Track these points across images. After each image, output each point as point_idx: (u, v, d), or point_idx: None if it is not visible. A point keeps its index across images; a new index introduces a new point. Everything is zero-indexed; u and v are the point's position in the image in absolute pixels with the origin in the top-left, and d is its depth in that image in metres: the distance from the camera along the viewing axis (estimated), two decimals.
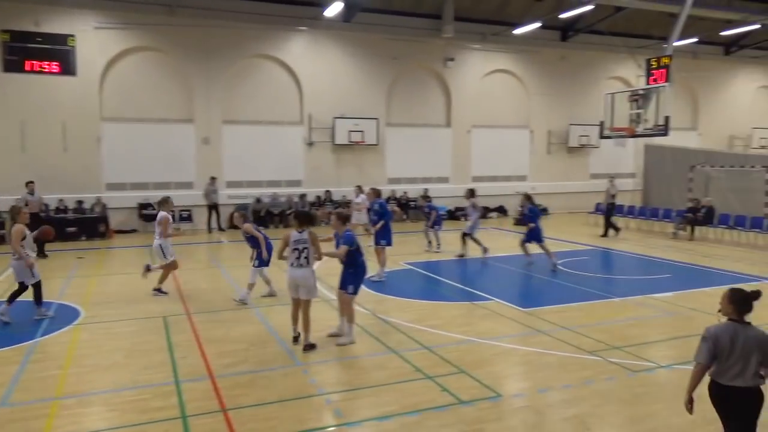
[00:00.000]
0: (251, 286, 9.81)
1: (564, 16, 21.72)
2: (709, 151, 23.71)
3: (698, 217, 17.81)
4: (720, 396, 4.28)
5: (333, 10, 19.12)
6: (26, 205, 14.29)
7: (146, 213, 19.17)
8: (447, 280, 11.88)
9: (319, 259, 7.52)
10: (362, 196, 16.64)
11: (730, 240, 17.28)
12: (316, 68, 21.40)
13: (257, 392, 6.14)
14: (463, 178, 23.78)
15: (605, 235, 18.13)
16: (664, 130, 15.94)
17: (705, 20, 23.19)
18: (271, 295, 10.13)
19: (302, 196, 21.10)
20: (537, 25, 21.94)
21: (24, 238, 8.62)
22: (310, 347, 7.40)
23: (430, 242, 15.32)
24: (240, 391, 6.16)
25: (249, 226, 9.89)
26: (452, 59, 23.13)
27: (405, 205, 22.17)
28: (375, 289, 10.83)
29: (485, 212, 23.48)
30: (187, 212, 19.56)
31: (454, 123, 23.72)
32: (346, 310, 7.78)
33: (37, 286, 8.82)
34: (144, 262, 9.40)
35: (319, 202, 21.26)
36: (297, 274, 7.33)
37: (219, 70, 20.16)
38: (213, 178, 19.59)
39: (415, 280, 11.87)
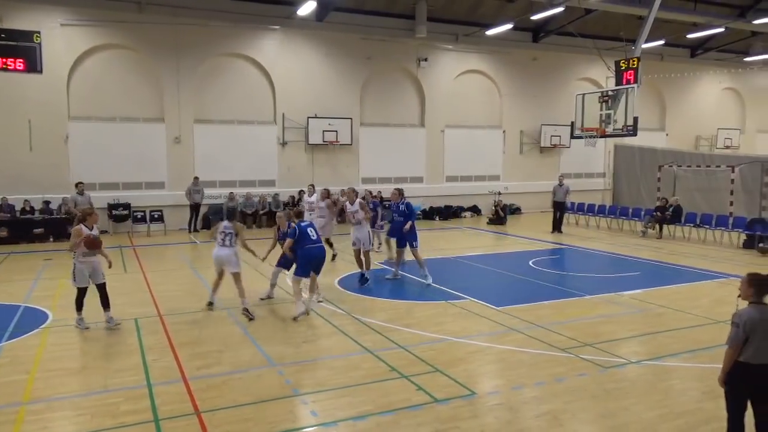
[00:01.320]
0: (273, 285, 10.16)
1: (535, 17, 21.97)
2: (676, 151, 24.27)
3: (666, 215, 18.20)
4: (752, 376, 4.44)
5: (306, 9, 19.02)
6: (75, 206, 13.96)
7: (117, 213, 18.84)
8: (422, 280, 11.91)
9: (243, 246, 9.12)
10: (315, 196, 16.31)
11: (696, 238, 17.70)
12: (289, 67, 21.29)
13: (231, 394, 6.08)
14: (437, 178, 23.91)
15: (554, 230, 19.07)
16: (632, 130, 16.24)
17: (671, 23, 23.70)
18: (269, 297, 10.15)
19: (276, 196, 20.96)
20: (509, 26, 22.16)
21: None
22: (246, 312, 8.81)
23: (380, 243, 14.91)
24: (214, 394, 6.09)
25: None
26: (426, 59, 23.23)
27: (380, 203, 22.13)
28: (351, 289, 10.82)
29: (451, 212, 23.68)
30: (159, 213, 19.27)
31: (427, 123, 23.82)
32: (295, 289, 9.09)
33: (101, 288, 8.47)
34: (114, 263, 9.15)
35: (293, 202, 21.12)
36: (222, 253, 9.00)
37: (190, 68, 19.90)
38: (196, 178, 19.35)
39: (389, 280, 11.87)
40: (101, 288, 8.34)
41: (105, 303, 8.40)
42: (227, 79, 20.70)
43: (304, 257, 8.97)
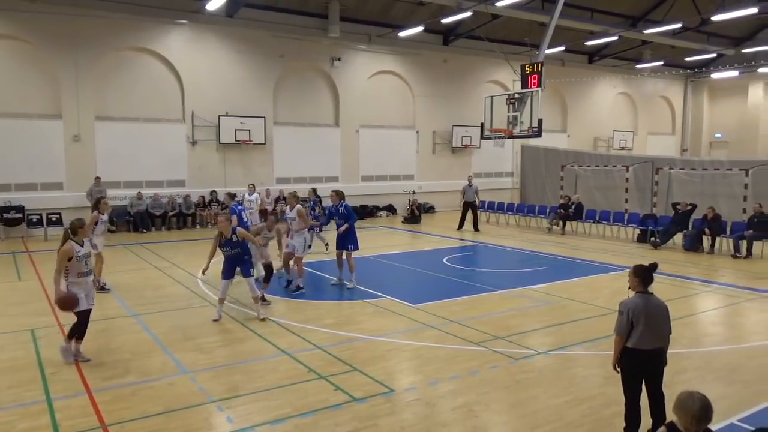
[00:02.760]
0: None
1: (445, 21, 22.52)
2: (577, 152, 25.71)
3: (569, 213, 19.23)
4: (640, 360, 4.83)
5: (215, 4, 18.44)
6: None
7: (9, 217, 17.46)
8: (345, 282, 11.90)
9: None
10: (255, 195, 16.17)
11: (596, 233, 18.81)
12: (198, 64, 20.58)
13: (141, 404, 5.81)
14: (352, 178, 23.97)
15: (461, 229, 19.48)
16: (537, 131, 16.97)
17: (571, 30, 25.05)
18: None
19: (186, 197, 20.21)
20: (420, 28, 22.60)
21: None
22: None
23: (327, 244, 14.80)
24: (121, 405, 5.79)
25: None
26: (339, 59, 23.22)
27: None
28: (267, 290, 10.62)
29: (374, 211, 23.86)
30: (57, 215, 18.04)
31: (342, 122, 23.83)
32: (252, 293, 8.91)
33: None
34: (7, 270, 8.49)
35: (203, 203, 20.48)
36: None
37: (90, 62, 18.78)
38: (98, 178, 18.22)
39: (307, 281, 11.77)
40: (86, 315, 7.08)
41: (81, 332, 7.06)
42: (131, 74, 19.71)
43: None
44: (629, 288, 4.97)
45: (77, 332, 7.02)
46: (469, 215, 19.62)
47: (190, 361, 7.06)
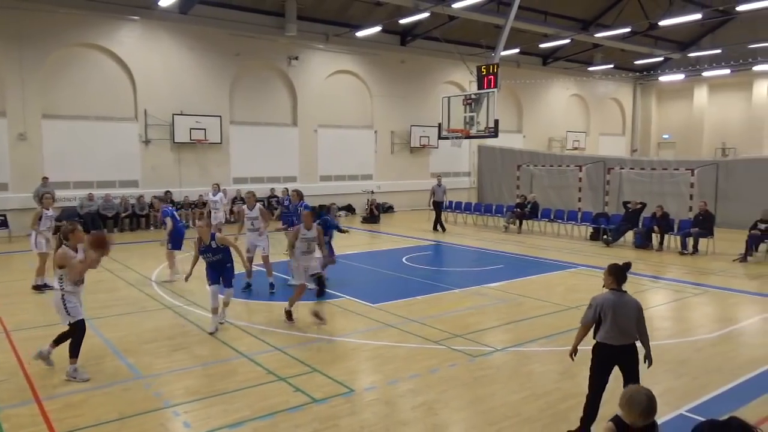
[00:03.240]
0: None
1: (403, 21, 22.63)
2: (532, 152, 26.25)
3: (525, 211, 19.60)
4: (609, 355, 4.96)
5: (167, 0, 18.06)
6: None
7: None
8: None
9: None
10: (220, 195, 16.00)
11: (551, 231, 19.23)
12: (151, 62, 20.08)
13: (93, 412, 5.63)
14: (311, 177, 23.82)
15: (436, 229, 19.40)
16: (494, 132, 17.21)
17: (525, 33, 25.54)
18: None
19: (140, 198, 19.68)
20: (378, 28, 22.64)
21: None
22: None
23: None
24: (73, 413, 5.61)
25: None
26: (296, 58, 23.04)
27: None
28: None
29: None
30: (1, 217, 17.33)
31: (300, 122, 23.65)
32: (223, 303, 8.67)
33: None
34: None
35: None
36: None
37: (36, 58, 18.09)
38: (45, 178, 17.53)
39: (264, 282, 11.64)
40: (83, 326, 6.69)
41: (76, 346, 6.57)
42: (81, 71, 19.08)
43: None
44: (603, 286, 5.11)
45: (73, 348, 6.46)
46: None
47: (145, 365, 6.89)
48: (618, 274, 5.04)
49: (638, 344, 5.03)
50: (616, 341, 4.92)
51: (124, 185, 19.84)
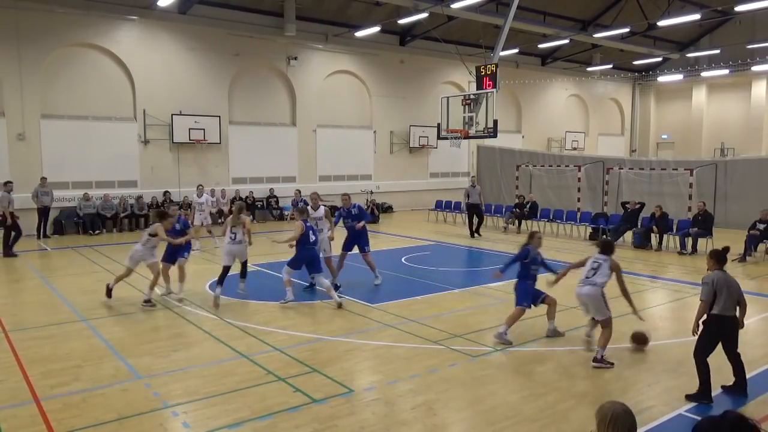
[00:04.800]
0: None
1: (402, 21, 22.62)
2: (531, 152, 26.25)
3: (524, 212, 19.60)
4: (720, 324, 5.85)
5: (166, 0, 18.05)
6: None
7: None
8: (295, 280, 11.80)
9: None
10: (205, 196, 16.02)
11: (551, 231, 19.23)
12: (150, 62, 20.07)
13: (92, 412, 5.62)
14: (310, 178, 23.80)
15: (476, 234, 18.32)
16: (493, 132, 17.18)
17: (525, 33, 25.55)
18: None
19: (139, 198, 19.66)
20: (377, 28, 22.63)
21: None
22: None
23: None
24: (71, 413, 5.60)
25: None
26: (295, 58, 23.02)
27: (251, 205, 21.69)
28: (223, 293, 10.44)
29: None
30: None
31: (299, 122, 23.64)
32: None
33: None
34: None
35: (157, 204, 19.97)
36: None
37: (35, 58, 18.06)
38: (44, 179, 17.49)
39: (263, 282, 11.65)
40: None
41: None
42: (80, 71, 19.06)
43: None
44: (707, 269, 6.04)
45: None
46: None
47: (144, 366, 6.88)
48: (719, 257, 5.96)
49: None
50: (730, 312, 5.81)
51: (123, 185, 19.82)
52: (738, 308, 5.94)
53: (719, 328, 5.85)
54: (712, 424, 2.43)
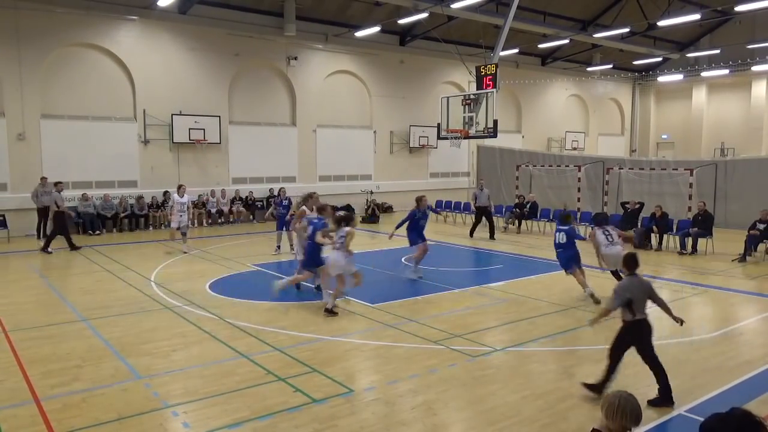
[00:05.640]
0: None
1: (402, 21, 22.63)
2: (531, 152, 26.26)
3: (524, 212, 19.60)
4: (634, 328, 5.88)
5: (166, 0, 18.05)
6: None
7: None
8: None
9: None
10: (187, 197, 15.45)
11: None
12: (150, 62, 20.06)
13: (92, 412, 5.63)
14: (310, 178, 23.81)
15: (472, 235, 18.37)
16: (493, 132, 17.17)
17: (525, 33, 25.54)
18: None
19: (139, 198, 19.65)
20: (377, 28, 22.63)
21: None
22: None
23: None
24: (71, 413, 5.60)
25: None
26: (295, 58, 23.02)
27: (251, 204, 21.71)
28: (222, 292, 10.46)
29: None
30: (0, 217, 17.30)
31: (299, 122, 23.63)
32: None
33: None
34: None
35: (157, 204, 19.98)
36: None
37: (34, 58, 18.06)
38: (44, 179, 17.48)
39: (263, 282, 11.64)
40: None
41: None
42: (80, 71, 19.06)
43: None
44: (623, 273, 6.26)
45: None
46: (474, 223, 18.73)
47: (144, 366, 6.88)
48: (628, 262, 6.12)
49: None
50: (643, 315, 5.87)
51: (123, 185, 19.82)
52: (660, 308, 6.03)
53: (635, 335, 5.87)
54: (719, 420, 2.47)
